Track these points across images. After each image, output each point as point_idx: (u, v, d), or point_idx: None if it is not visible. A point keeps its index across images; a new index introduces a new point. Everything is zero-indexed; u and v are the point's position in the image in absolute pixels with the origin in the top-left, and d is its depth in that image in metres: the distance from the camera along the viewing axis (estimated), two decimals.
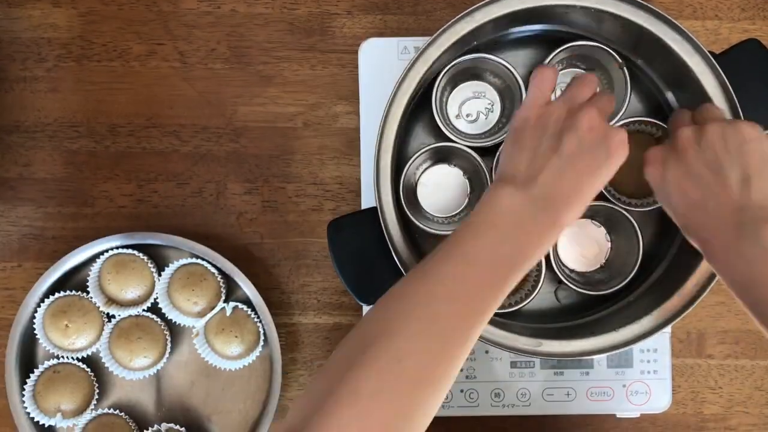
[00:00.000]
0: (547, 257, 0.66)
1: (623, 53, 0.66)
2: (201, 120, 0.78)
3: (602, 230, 0.69)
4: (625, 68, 0.65)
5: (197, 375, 0.75)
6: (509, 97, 0.68)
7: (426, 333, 0.46)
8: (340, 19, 0.78)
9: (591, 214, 0.69)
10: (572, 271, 0.69)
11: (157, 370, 0.73)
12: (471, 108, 0.69)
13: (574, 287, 0.66)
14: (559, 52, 0.65)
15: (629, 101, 0.65)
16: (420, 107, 0.67)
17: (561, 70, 0.69)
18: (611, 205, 0.66)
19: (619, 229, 0.67)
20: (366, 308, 0.72)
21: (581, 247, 0.69)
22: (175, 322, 0.74)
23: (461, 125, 0.69)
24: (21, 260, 0.77)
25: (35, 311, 0.72)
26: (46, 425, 0.72)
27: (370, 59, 0.73)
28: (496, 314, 0.66)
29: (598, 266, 0.69)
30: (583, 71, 0.69)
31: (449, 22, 0.62)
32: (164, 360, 0.73)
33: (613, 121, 0.65)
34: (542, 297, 0.69)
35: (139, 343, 0.72)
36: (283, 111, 0.78)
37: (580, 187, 0.52)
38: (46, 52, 0.78)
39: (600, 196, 0.67)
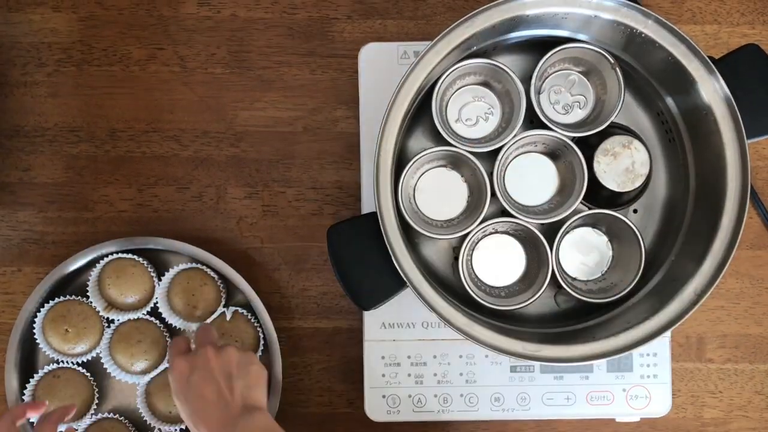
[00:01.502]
0: (550, 265, 0.66)
1: (621, 57, 0.66)
2: (201, 124, 0.78)
3: (604, 238, 0.69)
4: (617, 69, 0.65)
5: None
6: (508, 101, 0.68)
7: None
8: (339, 24, 0.78)
9: (593, 222, 0.69)
10: (574, 278, 0.69)
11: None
12: (470, 112, 0.69)
13: (576, 295, 0.66)
14: (552, 54, 0.65)
15: (622, 104, 0.65)
16: (420, 111, 0.67)
17: (554, 72, 0.69)
18: (613, 213, 0.66)
19: (621, 237, 0.67)
20: (365, 314, 0.72)
21: (583, 255, 0.69)
22: (176, 327, 0.74)
23: (461, 129, 0.69)
24: (21, 265, 0.77)
25: (35, 316, 0.72)
26: None
27: (370, 64, 0.73)
28: (496, 317, 0.66)
29: (600, 274, 0.69)
30: (577, 74, 0.69)
31: (449, 28, 0.62)
32: (164, 364, 0.73)
33: (606, 123, 0.65)
34: (542, 302, 0.69)
35: (139, 347, 0.72)
36: (283, 115, 0.78)
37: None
38: (46, 57, 0.78)
39: (601, 204, 0.67)
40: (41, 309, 0.72)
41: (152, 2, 0.78)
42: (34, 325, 0.72)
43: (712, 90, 0.61)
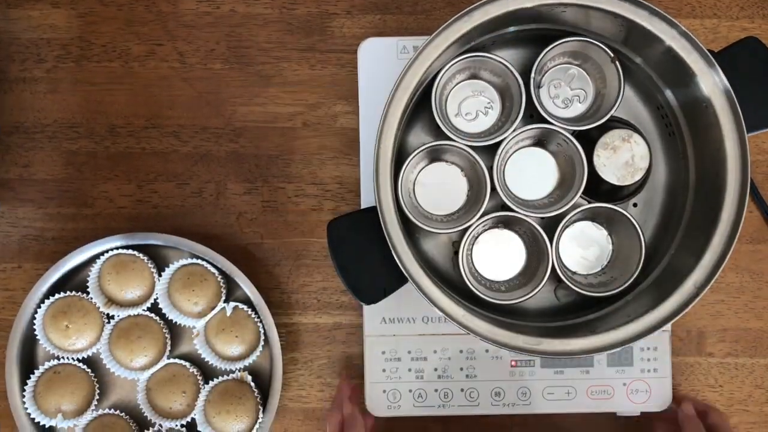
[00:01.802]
0: (550, 259, 0.66)
1: (621, 51, 0.66)
2: (200, 120, 0.78)
3: (604, 232, 0.69)
4: (617, 62, 0.65)
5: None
6: (508, 95, 0.68)
7: None
8: (339, 19, 0.78)
9: (592, 216, 0.69)
10: (574, 272, 0.69)
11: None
12: (470, 107, 0.69)
13: (576, 289, 0.66)
14: (551, 49, 0.65)
15: (622, 97, 0.65)
16: (419, 106, 0.67)
17: (554, 66, 0.69)
18: (613, 207, 0.66)
19: (621, 230, 0.67)
20: (365, 309, 0.72)
21: (583, 249, 0.69)
22: (176, 323, 0.74)
23: (460, 124, 0.69)
24: (21, 261, 0.77)
25: (35, 312, 0.72)
26: (46, 426, 0.72)
27: (369, 59, 0.73)
28: (496, 311, 0.66)
29: (600, 268, 0.69)
30: (577, 67, 0.69)
31: (448, 22, 0.62)
32: (164, 360, 0.73)
33: (606, 117, 0.65)
34: (542, 296, 0.69)
35: (139, 343, 0.72)
36: (283, 111, 0.78)
37: None
38: (45, 53, 0.78)
39: (601, 198, 0.67)
40: (41, 305, 0.72)
41: None
42: (35, 322, 0.72)
43: (712, 83, 0.61)
